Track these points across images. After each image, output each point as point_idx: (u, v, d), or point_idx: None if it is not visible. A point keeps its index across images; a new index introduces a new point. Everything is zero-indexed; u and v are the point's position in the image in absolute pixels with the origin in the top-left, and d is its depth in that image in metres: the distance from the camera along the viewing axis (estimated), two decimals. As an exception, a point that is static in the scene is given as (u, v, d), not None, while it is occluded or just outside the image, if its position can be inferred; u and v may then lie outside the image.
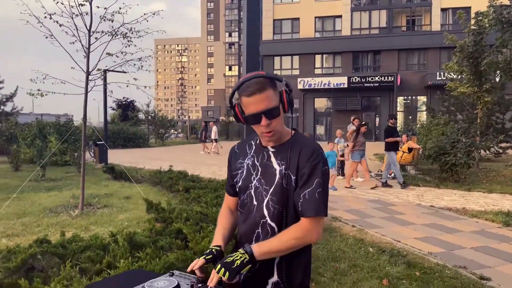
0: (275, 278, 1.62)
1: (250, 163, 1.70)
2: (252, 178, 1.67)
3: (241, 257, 1.49)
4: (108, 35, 7.23)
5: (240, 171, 1.72)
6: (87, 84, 7.03)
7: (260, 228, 1.62)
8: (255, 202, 1.64)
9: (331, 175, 11.06)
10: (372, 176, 11.47)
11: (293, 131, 1.68)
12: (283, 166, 1.60)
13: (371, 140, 30.01)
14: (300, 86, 31.45)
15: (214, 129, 21.28)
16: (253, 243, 1.60)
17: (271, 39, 34.04)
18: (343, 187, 9.71)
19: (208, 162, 16.51)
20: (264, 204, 1.62)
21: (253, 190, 1.65)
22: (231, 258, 1.50)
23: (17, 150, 13.64)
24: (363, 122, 10.65)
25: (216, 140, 21.06)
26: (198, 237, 4.01)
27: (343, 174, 11.43)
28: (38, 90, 7.28)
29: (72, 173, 12.50)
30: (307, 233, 1.54)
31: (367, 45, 31.28)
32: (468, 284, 3.89)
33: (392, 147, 9.95)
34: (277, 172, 1.61)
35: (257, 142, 1.73)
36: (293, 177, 1.58)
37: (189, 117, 72.71)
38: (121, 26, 7.15)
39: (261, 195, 1.63)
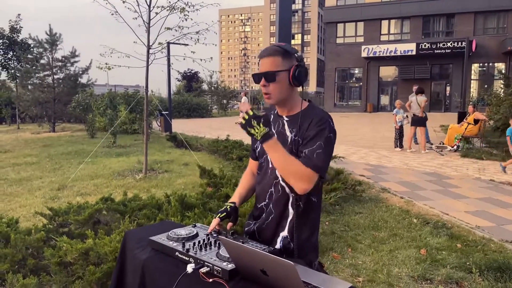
0: (285, 232, 1.83)
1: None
2: None
3: (263, 130, 1.62)
4: (167, 10, 7.61)
5: None
6: (148, 57, 7.52)
7: (273, 187, 1.82)
8: (270, 165, 1.84)
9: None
10: (432, 148, 11.09)
11: (306, 102, 1.83)
12: (293, 133, 1.78)
13: (440, 111, 28.41)
14: (364, 54, 30.29)
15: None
16: (267, 200, 1.82)
17: (334, 5, 32.87)
18: (399, 157, 9.51)
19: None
20: None
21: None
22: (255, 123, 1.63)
23: (92, 119, 14.95)
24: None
25: None
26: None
27: (401, 146, 11.14)
28: (106, 63, 7.94)
29: (140, 141, 13.48)
30: (300, 177, 1.64)
31: (439, 8, 29.04)
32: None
33: None
34: (289, 139, 1.79)
35: (275, 112, 1.91)
36: (301, 142, 1.75)
37: (251, 87, 73.30)
38: (178, 1, 7.47)
39: None
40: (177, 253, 1.60)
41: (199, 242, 1.65)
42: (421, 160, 9.49)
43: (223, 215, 1.85)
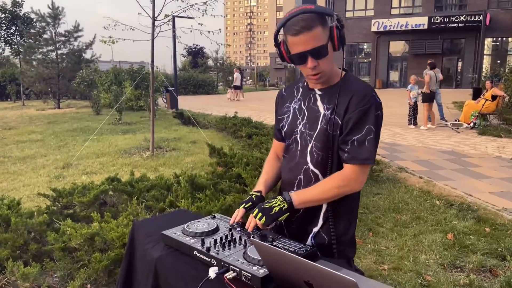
0: (318, 227, 1.56)
1: (297, 106, 1.60)
2: (298, 122, 1.58)
3: (279, 204, 1.45)
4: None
5: (286, 115, 1.64)
6: (153, 30, 7.16)
7: (302, 174, 1.55)
8: (299, 148, 1.56)
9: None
10: (447, 125, 10.74)
11: (343, 72, 1.53)
12: (329, 111, 1.48)
13: (451, 87, 27.75)
14: (374, 28, 29.44)
15: (235, 75, 22.01)
16: (295, 189, 1.55)
17: (343, -22, 31.80)
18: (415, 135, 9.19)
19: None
20: (308, 149, 1.53)
21: (298, 135, 1.57)
22: (270, 204, 1.46)
23: (97, 96, 14.66)
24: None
25: (237, 87, 22.03)
26: (256, 182, 4.06)
27: (415, 123, 10.78)
28: (110, 37, 7.58)
29: (146, 118, 13.21)
30: (351, 182, 1.45)
31: (453, -20, 27.97)
32: (546, 244, 3.56)
33: None
34: (321, 116, 1.50)
35: (305, 84, 1.61)
36: (339, 123, 1.46)
37: (257, 63, 72.32)
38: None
39: (306, 140, 1.54)
40: (195, 252, 1.34)
41: (221, 238, 1.39)
42: (436, 138, 9.16)
43: (248, 205, 1.58)
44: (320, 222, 1.55)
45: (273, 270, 1.14)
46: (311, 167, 1.53)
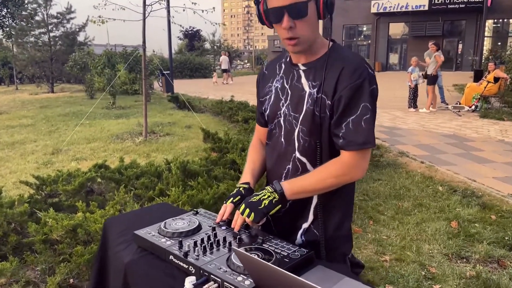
0: (308, 222, 1.37)
1: (279, 86, 1.38)
2: (281, 104, 1.36)
3: (269, 196, 1.25)
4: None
5: (268, 96, 1.42)
6: (144, 9, 6.85)
7: (290, 163, 1.35)
8: (283, 132, 1.36)
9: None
10: (448, 108, 10.52)
11: (331, 43, 1.31)
12: (315, 89, 1.26)
13: (451, 70, 27.39)
14: (373, 10, 28.88)
15: (222, 59, 21.79)
16: (282, 180, 1.34)
17: (343, -43, 31.03)
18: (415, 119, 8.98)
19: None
20: (295, 135, 1.32)
21: (282, 118, 1.36)
22: (258, 197, 1.26)
23: (91, 79, 14.32)
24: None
25: (224, 71, 21.89)
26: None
27: (415, 106, 10.55)
28: (100, 16, 7.28)
29: (140, 102, 12.85)
30: (351, 169, 1.24)
31: (454, -41, 27.31)
32: (555, 233, 3.39)
33: None
34: (306, 95, 1.28)
35: (288, 60, 1.39)
36: (328, 102, 1.24)
37: (255, 47, 71.49)
38: None
39: (291, 124, 1.33)
40: (171, 257, 1.14)
41: (202, 240, 1.19)
42: (437, 121, 8.94)
43: (237, 199, 1.37)
44: (311, 216, 1.35)
45: (260, 284, 0.94)
46: (298, 155, 1.32)
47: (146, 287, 1.12)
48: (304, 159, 1.31)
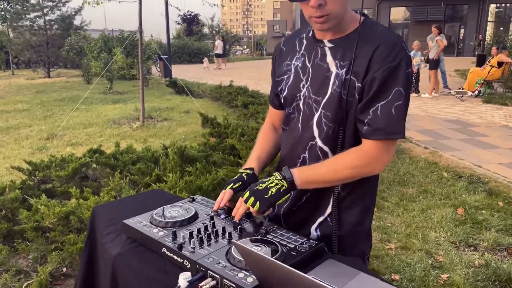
0: (325, 216, 1.23)
1: (300, 64, 1.22)
2: (301, 85, 1.20)
3: (277, 184, 1.11)
4: None
5: (286, 75, 1.25)
6: (140, -10, 6.63)
7: (307, 152, 1.20)
8: (301, 117, 1.21)
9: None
10: (451, 93, 10.36)
11: (362, 18, 1.15)
12: (344, 69, 1.11)
13: (453, 55, 27.09)
14: (375, -6, 28.44)
15: (217, 43, 21.61)
16: None
17: None
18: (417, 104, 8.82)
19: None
20: (315, 120, 1.17)
21: (301, 101, 1.20)
22: (265, 185, 1.12)
23: (87, 64, 14.07)
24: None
25: (218, 56, 21.64)
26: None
27: (417, 91, 10.38)
28: (94, -2, 7.06)
29: (138, 87, 12.56)
30: (371, 161, 1.11)
31: None
32: None
33: None
34: (332, 76, 1.13)
35: (310, 35, 1.23)
36: (358, 85, 1.09)
37: (254, 32, 70.70)
38: None
39: (311, 108, 1.18)
40: (164, 250, 1.02)
41: (198, 231, 1.06)
42: (440, 106, 8.80)
43: (237, 185, 1.24)
44: (329, 209, 1.21)
45: (263, 281, 0.82)
46: (319, 143, 1.17)
47: (135, 284, 1.00)
48: (326, 148, 1.17)
